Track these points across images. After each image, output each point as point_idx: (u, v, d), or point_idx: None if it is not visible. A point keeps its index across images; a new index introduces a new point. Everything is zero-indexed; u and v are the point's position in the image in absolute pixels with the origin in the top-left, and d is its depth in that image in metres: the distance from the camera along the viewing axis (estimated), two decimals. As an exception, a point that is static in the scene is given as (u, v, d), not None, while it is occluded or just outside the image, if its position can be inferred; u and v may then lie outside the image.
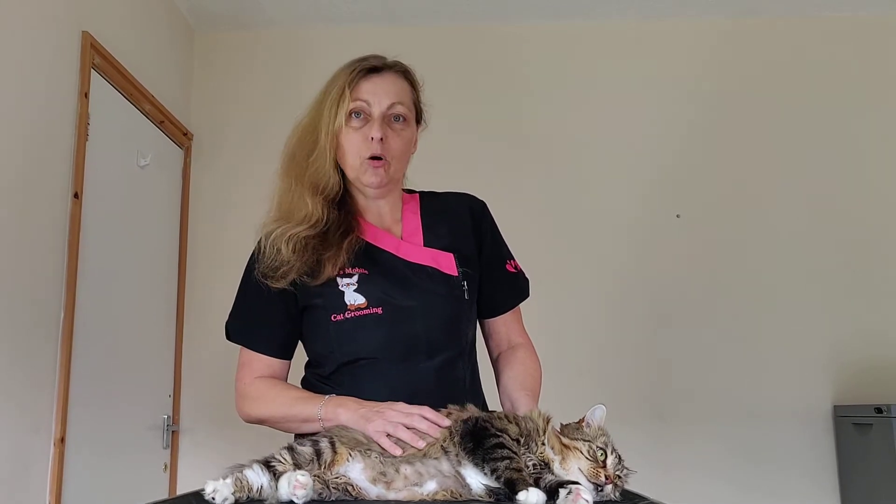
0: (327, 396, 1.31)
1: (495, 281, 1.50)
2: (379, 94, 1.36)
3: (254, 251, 1.43)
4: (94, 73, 2.59)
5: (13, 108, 2.15)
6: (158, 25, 3.19)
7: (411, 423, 1.14)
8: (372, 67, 1.38)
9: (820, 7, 3.41)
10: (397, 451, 1.11)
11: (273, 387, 1.39)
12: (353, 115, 1.37)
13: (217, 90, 3.49)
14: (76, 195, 2.43)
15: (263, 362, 1.42)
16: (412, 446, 1.11)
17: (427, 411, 1.16)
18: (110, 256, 2.70)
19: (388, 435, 1.13)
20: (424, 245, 1.43)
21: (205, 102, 3.48)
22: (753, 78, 3.44)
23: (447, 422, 1.14)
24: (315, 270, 1.35)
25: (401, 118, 1.39)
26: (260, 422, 1.39)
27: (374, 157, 1.36)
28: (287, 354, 1.45)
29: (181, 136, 3.31)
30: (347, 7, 3.35)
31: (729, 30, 3.49)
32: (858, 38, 3.46)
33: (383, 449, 1.11)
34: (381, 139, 1.35)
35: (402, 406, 1.19)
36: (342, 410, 1.25)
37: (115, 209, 2.75)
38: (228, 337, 1.46)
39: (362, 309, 1.35)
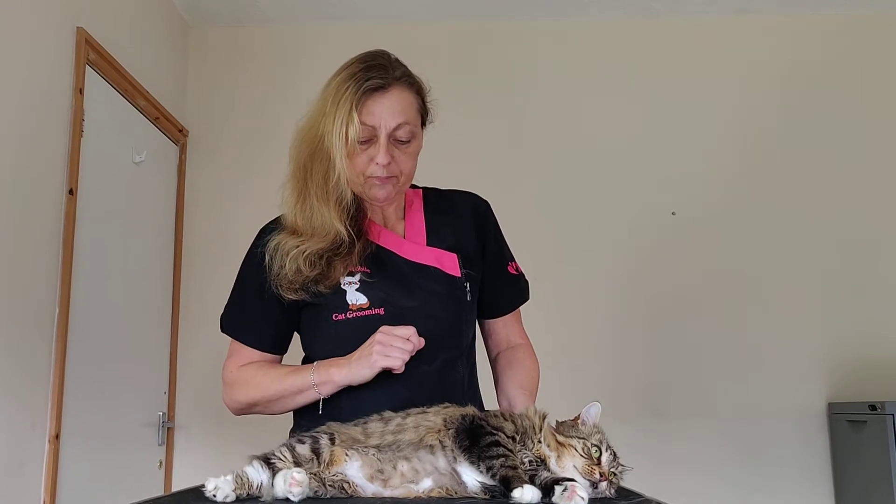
0: (315, 363, 1.33)
1: (497, 282, 1.50)
2: (385, 115, 1.29)
3: (255, 247, 1.40)
4: (88, 69, 2.58)
5: (8, 104, 2.14)
6: (153, 21, 3.18)
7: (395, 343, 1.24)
8: (378, 86, 1.30)
9: (818, 6, 3.41)
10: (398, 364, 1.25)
11: (260, 368, 1.39)
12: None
13: (212, 86, 3.48)
14: (71, 191, 2.43)
15: (254, 354, 1.41)
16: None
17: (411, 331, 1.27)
18: (105, 253, 2.69)
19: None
20: (427, 244, 1.42)
21: (200, 99, 3.47)
22: (751, 75, 3.44)
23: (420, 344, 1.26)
24: (326, 277, 1.33)
25: (407, 137, 1.34)
26: (250, 407, 1.38)
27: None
28: (279, 349, 1.44)
29: (176, 133, 3.30)
30: (342, 3, 3.34)
31: (726, 27, 3.49)
32: (859, 36, 3.46)
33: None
34: (388, 163, 1.31)
35: (387, 329, 1.26)
36: (335, 369, 1.28)
37: (110, 205, 2.74)
38: (222, 328, 1.45)
39: (364, 309, 1.34)
